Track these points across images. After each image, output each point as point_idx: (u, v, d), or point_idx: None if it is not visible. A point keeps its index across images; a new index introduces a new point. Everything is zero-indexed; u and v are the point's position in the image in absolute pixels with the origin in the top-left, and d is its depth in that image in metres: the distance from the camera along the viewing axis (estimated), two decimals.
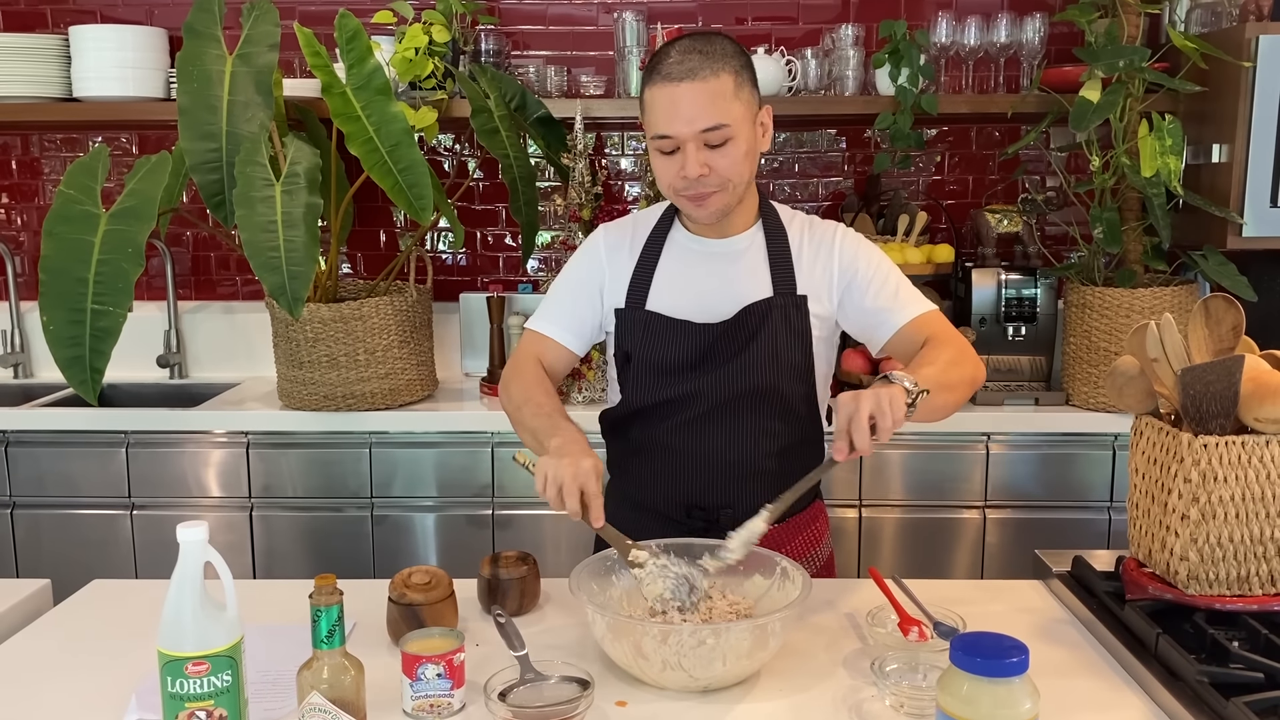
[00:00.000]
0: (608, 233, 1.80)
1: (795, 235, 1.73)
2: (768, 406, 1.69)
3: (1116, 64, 2.56)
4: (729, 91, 1.56)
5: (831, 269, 1.71)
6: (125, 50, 2.87)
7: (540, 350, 1.78)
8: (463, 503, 2.74)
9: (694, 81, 1.55)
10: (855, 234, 1.76)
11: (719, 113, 1.56)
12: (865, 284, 1.70)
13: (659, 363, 1.70)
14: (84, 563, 2.74)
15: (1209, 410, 1.40)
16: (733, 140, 1.58)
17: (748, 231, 1.73)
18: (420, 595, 1.46)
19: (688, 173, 1.58)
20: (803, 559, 1.77)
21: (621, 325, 1.74)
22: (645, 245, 1.75)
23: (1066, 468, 2.71)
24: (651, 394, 1.71)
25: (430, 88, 2.76)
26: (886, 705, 1.29)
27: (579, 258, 1.81)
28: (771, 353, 1.67)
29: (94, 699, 1.34)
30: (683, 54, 1.57)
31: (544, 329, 1.78)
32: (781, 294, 1.69)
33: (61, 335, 2.32)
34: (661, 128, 1.58)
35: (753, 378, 1.67)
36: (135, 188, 2.40)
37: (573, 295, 1.79)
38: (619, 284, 1.75)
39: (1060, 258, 3.09)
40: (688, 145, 1.57)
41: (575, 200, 2.76)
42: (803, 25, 3.13)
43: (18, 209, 3.29)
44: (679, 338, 1.69)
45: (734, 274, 1.71)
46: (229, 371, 3.24)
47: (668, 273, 1.73)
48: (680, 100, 1.55)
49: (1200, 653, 1.33)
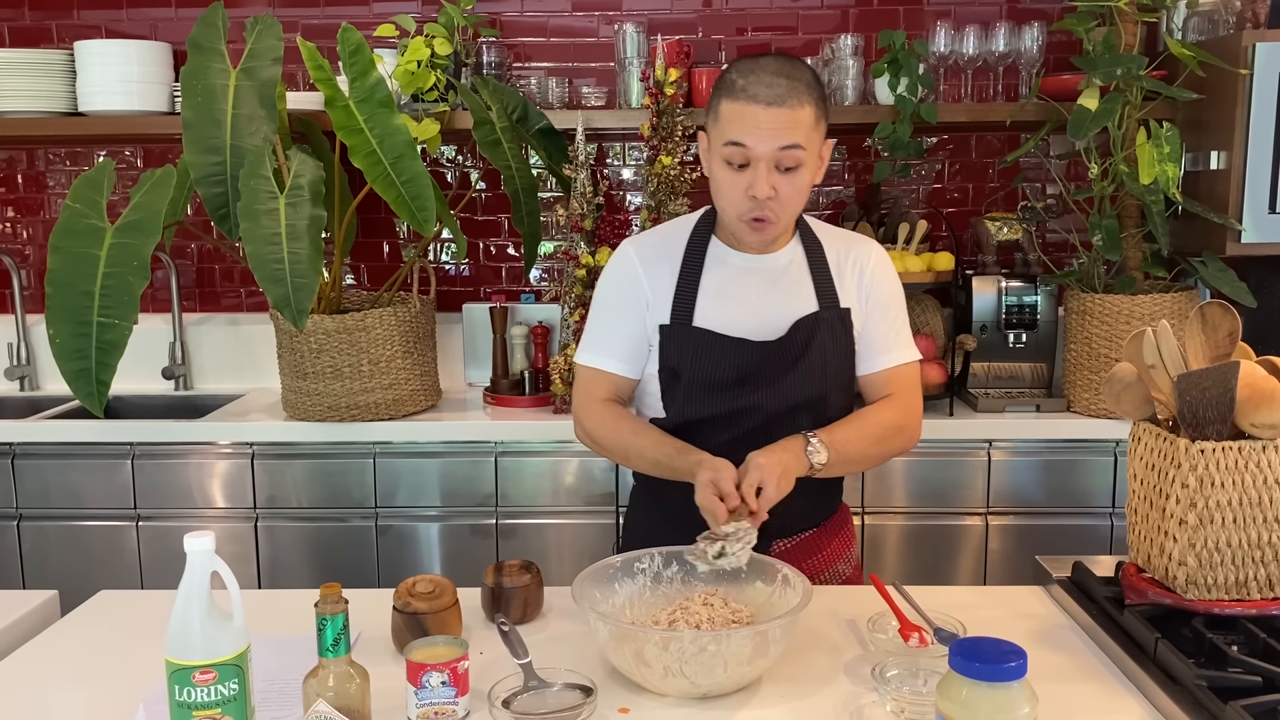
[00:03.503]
0: (639, 248, 1.77)
1: (831, 249, 1.75)
2: (816, 419, 1.71)
3: (1114, 72, 2.57)
4: (810, 122, 1.58)
5: (861, 284, 1.74)
6: (130, 65, 2.89)
7: (601, 385, 1.75)
8: (466, 512, 2.75)
9: (780, 109, 1.55)
10: (889, 261, 1.79)
11: (798, 136, 1.57)
12: (875, 311, 1.74)
13: (711, 379, 1.69)
14: (90, 574, 2.75)
15: (1206, 416, 1.41)
16: (802, 168, 1.59)
17: (787, 246, 1.74)
18: (424, 604, 1.47)
19: (757, 192, 1.58)
20: (839, 561, 1.83)
21: (668, 342, 1.71)
22: (684, 259, 1.73)
23: (1068, 474, 2.72)
24: (701, 410, 1.70)
25: (433, 100, 2.78)
26: (887, 711, 1.30)
27: (615, 279, 1.77)
28: (822, 366, 1.69)
29: (102, 708, 1.35)
30: (773, 76, 1.56)
31: (600, 363, 1.75)
32: (826, 307, 1.70)
33: (67, 348, 2.33)
34: (738, 136, 1.57)
35: (804, 391, 1.69)
36: (140, 201, 2.42)
37: (621, 319, 1.74)
38: (662, 299, 1.71)
39: (1060, 265, 3.10)
40: (759, 164, 1.57)
41: (577, 211, 2.78)
42: (802, 35, 3.15)
43: (24, 223, 3.31)
44: (732, 354, 1.68)
45: (780, 289, 1.71)
46: (234, 383, 3.26)
47: (713, 288, 1.71)
48: (762, 121, 1.56)
49: (1199, 657, 1.34)
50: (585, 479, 2.74)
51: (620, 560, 1.53)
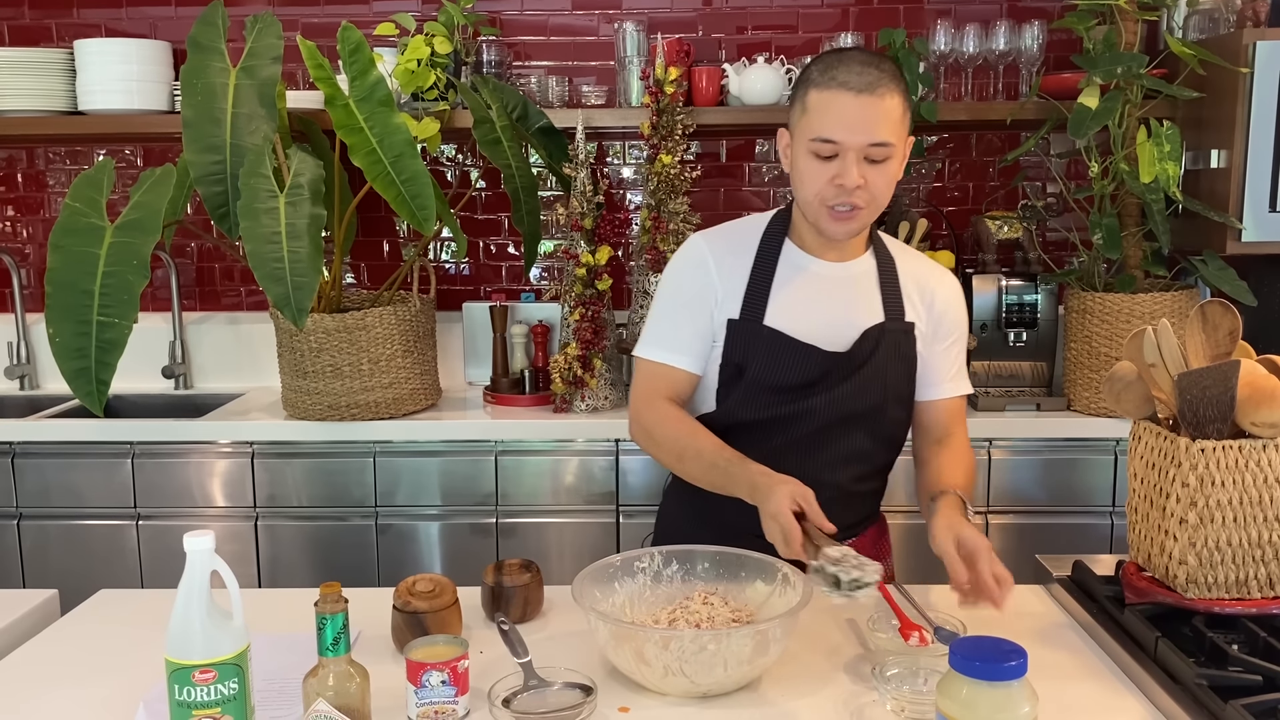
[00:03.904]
0: (711, 242, 1.73)
1: (903, 266, 1.75)
2: (870, 430, 1.71)
3: (1115, 71, 2.57)
4: (898, 114, 1.56)
5: (933, 310, 1.74)
6: (129, 64, 2.89)
7: (664, 381, 1.71)
8: (466, 511, 2.75)
9: (872, 96, 1.53)
10: (961, 292, 1.79)
11: (888, 131, 1.55)
12: (943, 340, 1.75)
13: (774, 382, 1.67)
14: (90, 573, 2.75)
15: (1206, 415, 1.41)
16: (890, 161, 1.58)
17: (861, 257, 1.73)
18: (424, 603, 1.47)
19: (846, 181, 1.55)
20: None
21: (736, 338, 1.68)
22: (757, 257, 1.70)
23: (1068, 473, 2.72)
24: (756, 411, 1.69)
25: (432, 99, 2.78)
26: (887, 710, 1.30)
27: (684, 271, 1.73)
28: (882, 378, 1.69)
29: (102, 707, 1.35)
30: (862, 66, 1.55)
31: (665, 357, 1.71)
32: (892, 319, 1.70)
33: (67, 347, 2.33)
34: (828, 132, 1.55)
35: (862, 401, 1.68)
36: (140, 200, 2.42)
37: (689, 313, 1.71)
38: (733, 295, 1.69)
39: (1061, 263, 3.10)
40: (848, 155, 1.55)
41: (577, 209, 2.78)
42: (803, 34, 3.14)
43: (24, 222, 3.31)
44: (802, 360, 1.66)
45: (851, 299, 1.70)
46: (234, 382, 3.26)
47: (786, 290, 1.69)
48: (852, 110, 1.54)
49: (1199, 656, 1.34)
50: (585, 478, 2.74)
51: (620, 559, 1.53)
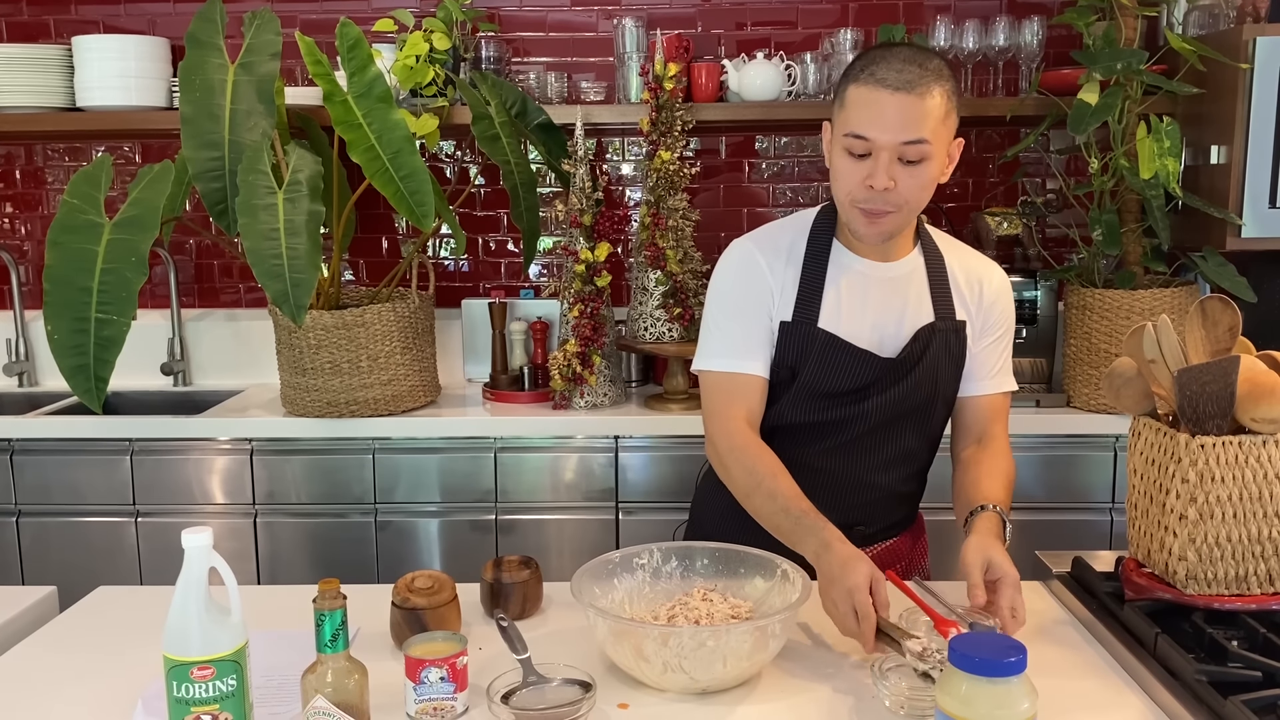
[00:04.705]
0: (759, 244, 1.70)
1: (952, 261, 1.73)
2: (918, 430, 1.71)
3: (1114, 67, 2.57)
4: (939, 114, 1.52)
5: (982, 304, 1.72)
6: (128, 60, 2.88)
7: (737, 394, 1.66)
8: (465, 508, 2.75)
9: (909, 94, 1.49)
10: (1009, 286, 1.77)
11: (924, 129, 1.51)
12: (991, 334, 1.73)
13: (827, 387, 1.65)
14: (89, 570, 2.75)
15: (1206, 411, 1.41)
16: (927, 162, 1.53)
17: (909, 255, 1.70)
18: (423, 600, 1.47)
19: (875, 183, 1.52)
20: (916, 572, 1.85)
21: (789, 340, 1.66)
22: (806, 258, 1.67)
23: (1068, 469, 2.72)
24: (807, 414, 1.67)
25: (431, 95, 2.78)
26: (887, 706, 1.30)
27: (738, 277, 1.69)
28: (933, 378, 1.68)
29: (100, 705, 1.35)
30: (903, 63, 1.50)
31: (732, 365, 1.67)
32: (943, 318, 1.69)
33: (66, 344, 2.33)
34: (861, 129, 1.52)
35: (911, 402, 1.68)
36: (138, 197, 2.41)
37: (748, 317, 1.67)
38: (786, 297, 1.66)
39: (1060, 260, 3.10)
40: (881, 155, 1.51)
41: (576, 206, 2.77)
42: (802, 30, 3.14)
43: (22, 218, 3.30)
44: (855, 365, 1.64)
45: (902, 301, 1.68)
46: (232, 379, 3.25)
47: (837, 293, 1.66)
48: (888, 107, 1.50)
49: (1199, 652, 1.34)
50: (585, 474, 2.74)
51: (619, 556, 1.53)
